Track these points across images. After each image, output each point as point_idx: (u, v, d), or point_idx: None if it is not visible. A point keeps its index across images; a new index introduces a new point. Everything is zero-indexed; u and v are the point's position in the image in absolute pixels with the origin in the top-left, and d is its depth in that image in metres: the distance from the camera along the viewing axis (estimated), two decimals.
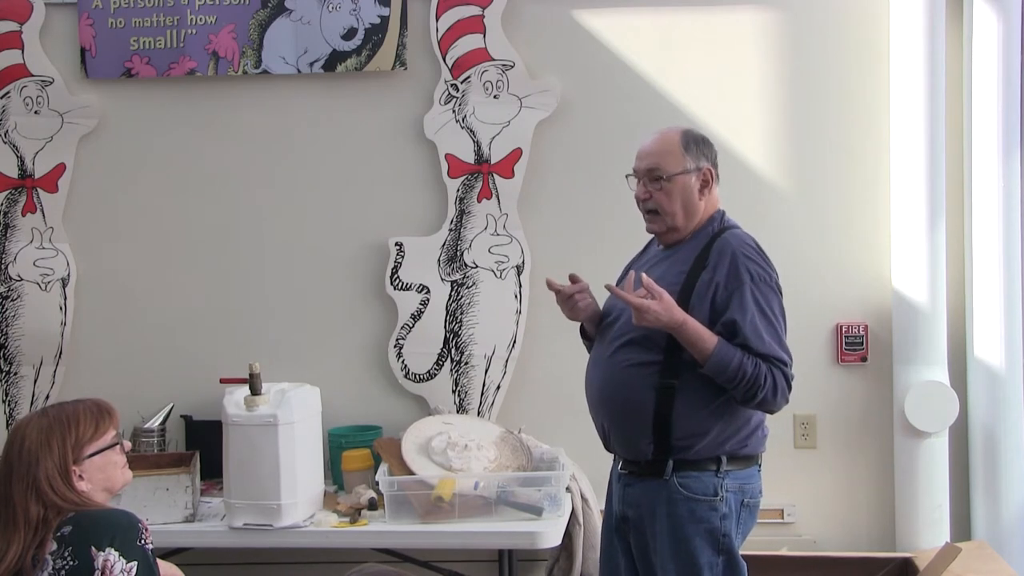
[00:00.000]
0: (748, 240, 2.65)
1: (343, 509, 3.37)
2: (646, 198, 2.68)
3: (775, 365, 2.52)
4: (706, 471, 2.58)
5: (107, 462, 2.30)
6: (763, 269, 2.59)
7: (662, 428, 2.56)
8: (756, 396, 2.52)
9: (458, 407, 3.82)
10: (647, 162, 2.68)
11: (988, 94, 3.62)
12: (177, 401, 3.80)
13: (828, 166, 3.80)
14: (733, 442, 2.59)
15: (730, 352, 2.50)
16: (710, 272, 2.57)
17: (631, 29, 3.81)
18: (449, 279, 3.83)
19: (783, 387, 2.54)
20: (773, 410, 2.60)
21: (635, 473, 2.65)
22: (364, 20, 3.81)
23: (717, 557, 2.58)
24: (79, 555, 2.14)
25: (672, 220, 2.67)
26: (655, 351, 2.58)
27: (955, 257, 3.73)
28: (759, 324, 2.53)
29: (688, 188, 2.65)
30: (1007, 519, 3.64)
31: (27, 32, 3.88)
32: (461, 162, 3.81)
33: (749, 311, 2.52)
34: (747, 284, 2.54)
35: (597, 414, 2.72)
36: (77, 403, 2.33)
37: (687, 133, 2.71)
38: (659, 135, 2.72)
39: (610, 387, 2.65)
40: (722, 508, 2.58)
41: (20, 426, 2.29)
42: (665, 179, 2.64)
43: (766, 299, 2.56)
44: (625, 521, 2.70)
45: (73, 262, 3.92)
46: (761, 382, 2.50)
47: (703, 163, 2.68)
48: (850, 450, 3.82)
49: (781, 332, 2.58)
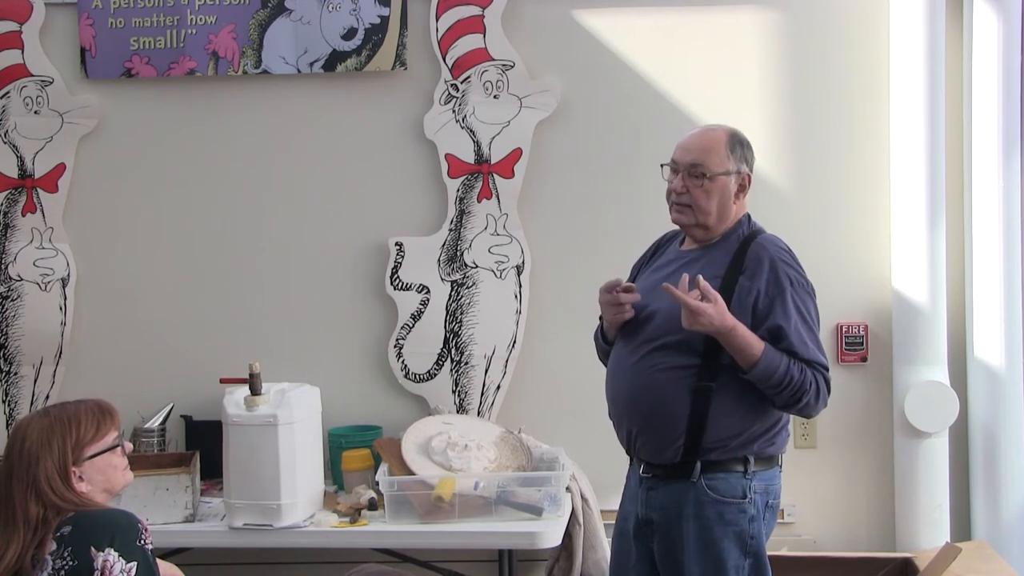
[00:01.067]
0: (782, 245, 2.63)
1: (343, 509, 3.37)
2: (683, 192, 2.62)
3: (818, 370, 2.53)
4: (734, 472, 2.56)
5: (107, 464, 2.29)
6: (800, 275, 2.58)
7: (695, 431, 2.53)
8: (800, 401, 2.51)
9: (458, 407, 3.82)
10: (692, 157, 2.61)
11: (988, 94, 3.62)
12: (177, 401, 3.80)
13: (828, 166, 3.80)
14: (761, 441, 2.58)
15: (777, 358, 2.48)
16: (748, 278, 2.55)
17: (631, 29, 3.81)
18: (449, 279, 3.83)
19: (824, 392, 2.55)
20: (812, 414, 2.61)
21: (659, 476, 2.61)
22: (364, 20, 3.81)
23: (744, 560, 2.55)
24: (78, 555, 2.14)
25: (704, 219, 2.62)
26: (692, 355, 2.54)
27: (955, 257, 3.73)
28: (802, 330, 2.52)
29: (726, 190, 2.62)
30: (1007, 519, 3.64)
31: (27, 32, 3.87)
32: (461, 162, 3.81)
33: (792, 317, 2.51)
34: (788, 290, 2.53)
35: (624, 418, 2.65)
36: (79, 403, 2.32)
37: (734, 135, 2.66)
38: (705, 130, 2.69)
39: (641, 391, 2.59)
40: (751, 510, 2.56)
41: (21, 425, 2.28)
42: (708, 177, 2.59)
43: (805, 305, 2.56)
44: (649, 525, 2.63)
45: (73, 262, 3.92)
46: (807, 387, 2.50)
47: (744, 167, 2.64)
48: (850, 450, 3.82)
49: (818, 337, 2.58)
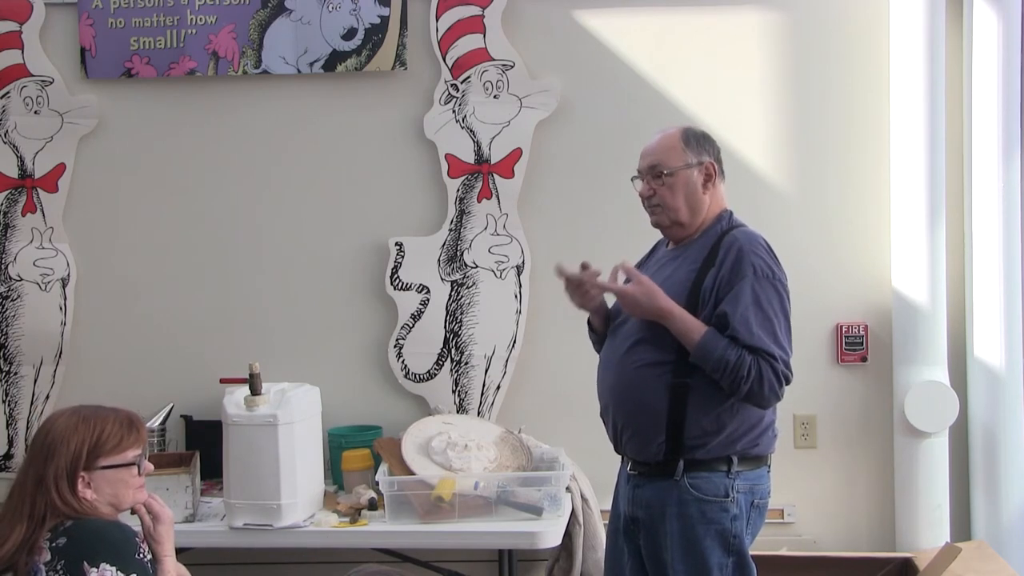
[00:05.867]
0: (758, 238, 2.64)
1: (343, 509, 3.37)
2: (650, 195, 2.70)
3: (763, 357, 2.50)
4: (717, 471, 2.57)
5: (119, 479, 2.24)
6: (768, 266, 2.58)
7: (675, 428, 2.56)
8: (740, 388, 2.49)
9: (458, 407, 3.82)
10: (649, 160, 2.71)
11: (988, 94, 3.62)
12: (177, 401, 3.80)
13: (828, 166, 3.80)
14: (744, 441, 2.59)
15: (716, 341, 2.50)
16: (717, 268, 2.57)
17: (631, 29, 3.81)
18: (449, 279, 3.83)
19: (771, 380, 2.50)
20: (763, 404, 2.57)
21: (645, 474, 2.64)
22: (364, 20, 3.81)
23: (727, 558, 2.57)
24: (71, 570, 2.11)
25: (675, 215, 2.68)
26: (667, 350, 2.57)
27: (955, 257, 3.73)
28: (751, 317, 2.51)
29: (691, 182, 2.67)
30: (1007, 519, 3.64)
31: (27, 32, 3.88)
32: (461, 162, 3.81)
33: (742, 303, 2.51)
34: (748, 278, 2.54)
35: (610, 415, 2.71)
36: (112, 411, 2.28)
37: (687, 130, 2.74)
38: (660, 134, 2.76)
39: (623, 388, 2.64)
40: (733, 509, 2.57)
41: (52, 417, 2.27)
42: (667, 174, 2.67)
43: (766, 294, 2.54)
44: (635, 523, 2.68)
45: (73, 262, 3.92)
46: (744, 373, 2.48)
47: (704, 157, 2.69)
48: (850, 450, 3.82)
49: (778, 328, 2.54)
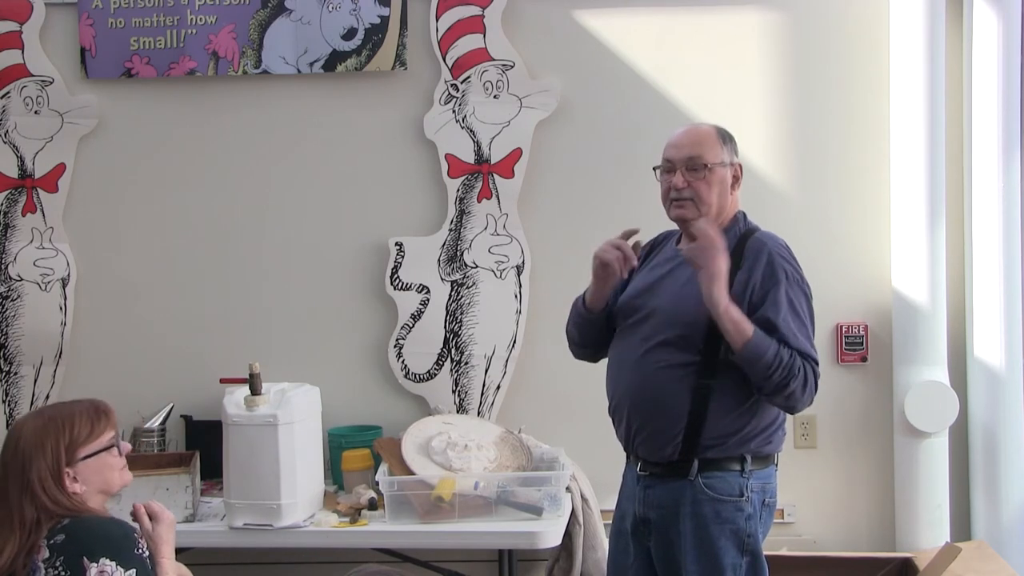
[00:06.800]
0: (781, 241, 2.65)
1: (343, 509, 3.37)
2: (684, 187, 2.61)
3: (808, 361, 2.52)
4: (731, 471, 2.56)
5: (103, 464, 2.26)
6: (796, 271, 2.59)
7: (694, 428, 2.55)
8: (788, 387, 2.48)
9: (458, 407, 3.82)
10: (687, 151, 2.62)
11: (988, 94, 3.62)
12: (177, 401, 3.80)
13: (828, 166, 3.80)
14: (758, 440, 2.58)
15: (767, 340, 2.48)
16: (746, 272, 2.56)
17: (631, 29, 3.81)
18: (449, 279, 3.83)
19: (812, 384, 2.53)
20: (797, 407, 2.57)
21: (657, 474, 2.62)
22: (364, 20, 3.81)
23: (741, 558, 2.56)
24: (71, 566, 2.11)
25: (707, 211, 2.62)
26: (692, 352, 2.55)
27: (955, 257, 3.73)
28: (792, 323, 2.53)
29: (724, 181, 2.64)
30: (1007, 519, 3.64)
31: (27, 32, 3.88)
32: (461, 162, 3.81)
33: (783, 309, 2.52)
34: (783, 283, 2.54)
35: (624, 415, 2.66)
36: (74, 404, 2.30)
37: (720, 129, 2.69)
38: (692, 127, 2.72)
39: (643, 389, 2.60)
40: (747, 508, 2.56)
41: (17, 426, 2.27)
42: (708, 168, 2.60)
43: (798, 300, 2.56)
44: (646, 524, 2.65)
45: (73, 262, 3.92)
46: (795, 372, 2.48)
47: (735, 159, 2.68)
48: (850, 450, 3.82)
49: (811, 332, 2.58)
